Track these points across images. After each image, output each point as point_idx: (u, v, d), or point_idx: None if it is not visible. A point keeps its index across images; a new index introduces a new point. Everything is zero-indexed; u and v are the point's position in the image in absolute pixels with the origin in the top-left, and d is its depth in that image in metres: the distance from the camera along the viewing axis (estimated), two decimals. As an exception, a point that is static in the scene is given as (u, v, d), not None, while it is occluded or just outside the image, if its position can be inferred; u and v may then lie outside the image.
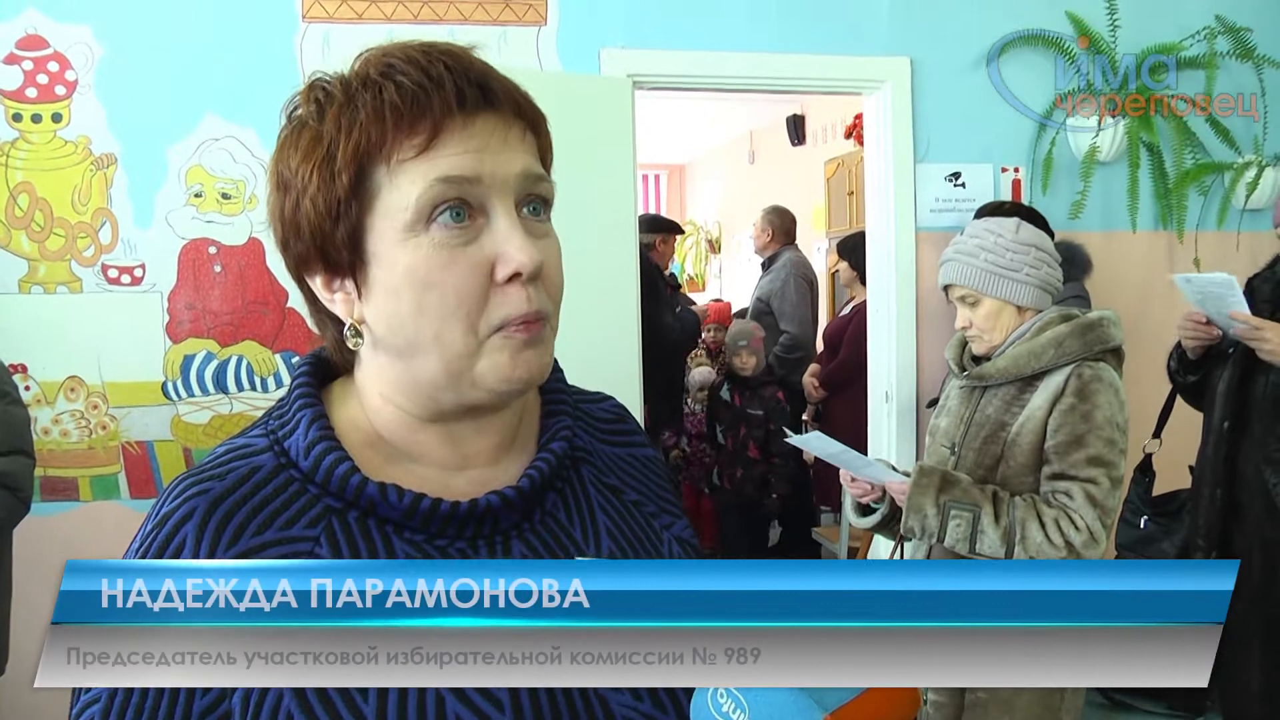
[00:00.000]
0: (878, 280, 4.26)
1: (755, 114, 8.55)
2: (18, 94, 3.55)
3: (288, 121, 0.87)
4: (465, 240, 0.82)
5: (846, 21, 4.03)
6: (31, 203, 3.56)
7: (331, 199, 0.82)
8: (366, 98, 0.82)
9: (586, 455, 1.01)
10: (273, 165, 0.87)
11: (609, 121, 3.77)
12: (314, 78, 0.87)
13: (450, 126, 0.82)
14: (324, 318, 0.92)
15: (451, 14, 3.76)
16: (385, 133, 0.81)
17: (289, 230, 0.86)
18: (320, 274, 0.87)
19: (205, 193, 3.65)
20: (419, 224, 0.82)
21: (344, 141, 0.82)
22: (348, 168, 0.82)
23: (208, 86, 3.60)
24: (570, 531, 0.93)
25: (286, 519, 0.84)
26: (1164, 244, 4.27)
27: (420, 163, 0.81)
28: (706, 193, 10.67)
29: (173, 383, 3.67)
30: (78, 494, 3.65)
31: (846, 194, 6.98)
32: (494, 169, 0.83)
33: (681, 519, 1.04)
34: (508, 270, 0.82)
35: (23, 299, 3.58)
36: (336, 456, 0.86)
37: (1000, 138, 4.16)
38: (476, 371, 0.85)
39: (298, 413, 0.89)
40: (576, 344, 1.22)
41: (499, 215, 0.83)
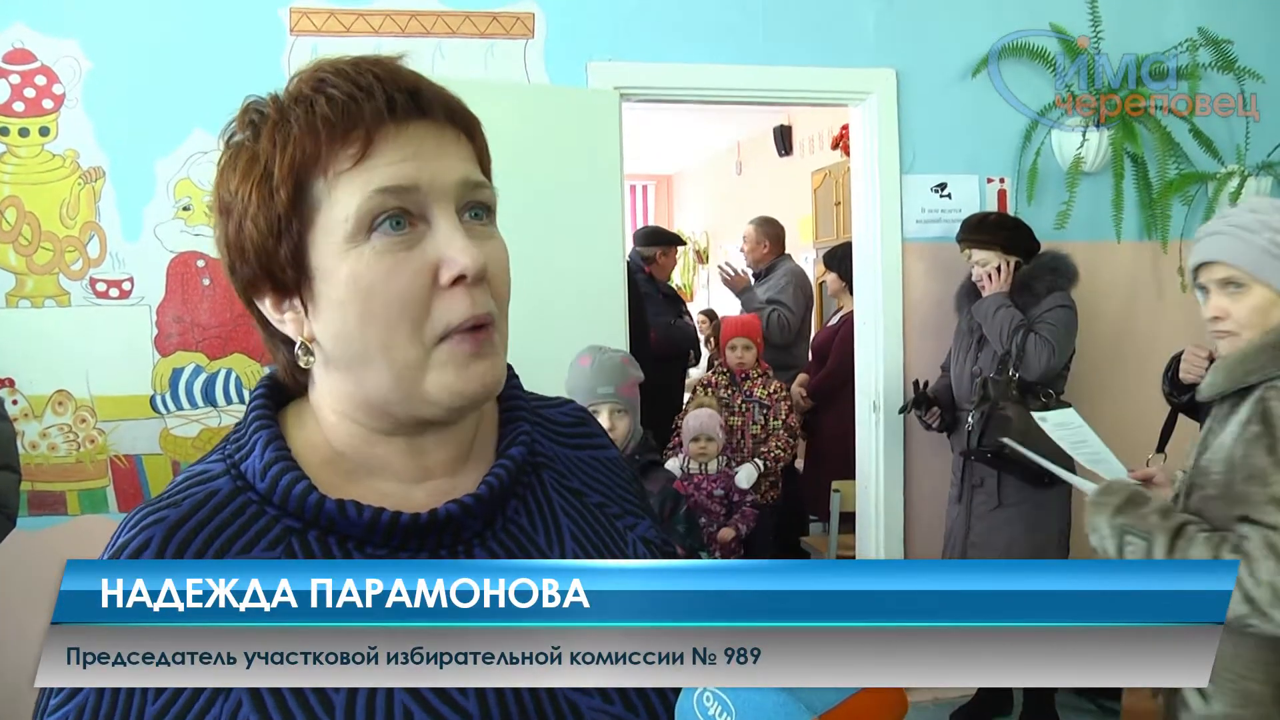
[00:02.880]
0: (865, 290, 4.28)
1: (742, 125, 8.57)
2: (5, 108, 3.55)
3: (226, 146, 0.87)
4: (407, 245, 0.82)
5: (832, 34, 4.05)
6: (19, 216, 3.55)
7: (272, 216, 0.82)
8: (299, 112, 0.82)
9: (547, 460, 1.00)
10: (214, 191, 0.87)
11: (596, 133, 3.78)
12: (248, 101, 0.87)
13: (383, 135, 0.82)
14: (275, 340, 0.91)
15: (439, 27, 3.77)
16: (319, 145, 0.81)
17: (234, 254, 0.86)
18: (269, 295, 0.86)
19: (194, 206, 3.64)
20: (359, 234, 0.81)
21: (280, 157, 0.81)
22: (285, 183, 0.81)
23: (196, 100, 3.59)
24: (534, 537, 0.92)
25: (245, 542, 0.82)
26: (1149, 254, 4.30)
27: (357, 174, 0.81)
28: (694, 203, 10.69)
29: (161, 396, 3.66)
30: (66, 508, 3.63)
31: (834, 204, 6.99)
32: (432, 176, 0.83)
33: (645, 519, 1.03)
34: (451, 273, 0.82)
35: (10, 313, 3.57)
36: (293, 476, 0.84)
37: (985, 148, 4.18)
38: (426, 385, 0.84)
39: (254, 435, 0.88)
40: (563, 354, 1.22)
41: (440, 220, 0.83)
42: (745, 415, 4.67)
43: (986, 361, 3.68)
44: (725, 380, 4.76)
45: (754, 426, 4.66)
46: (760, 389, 4.68)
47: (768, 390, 4.68)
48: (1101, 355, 4.15)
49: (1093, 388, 4.06)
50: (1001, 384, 3.55)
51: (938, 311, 4.12)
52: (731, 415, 4.65)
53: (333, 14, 3.70)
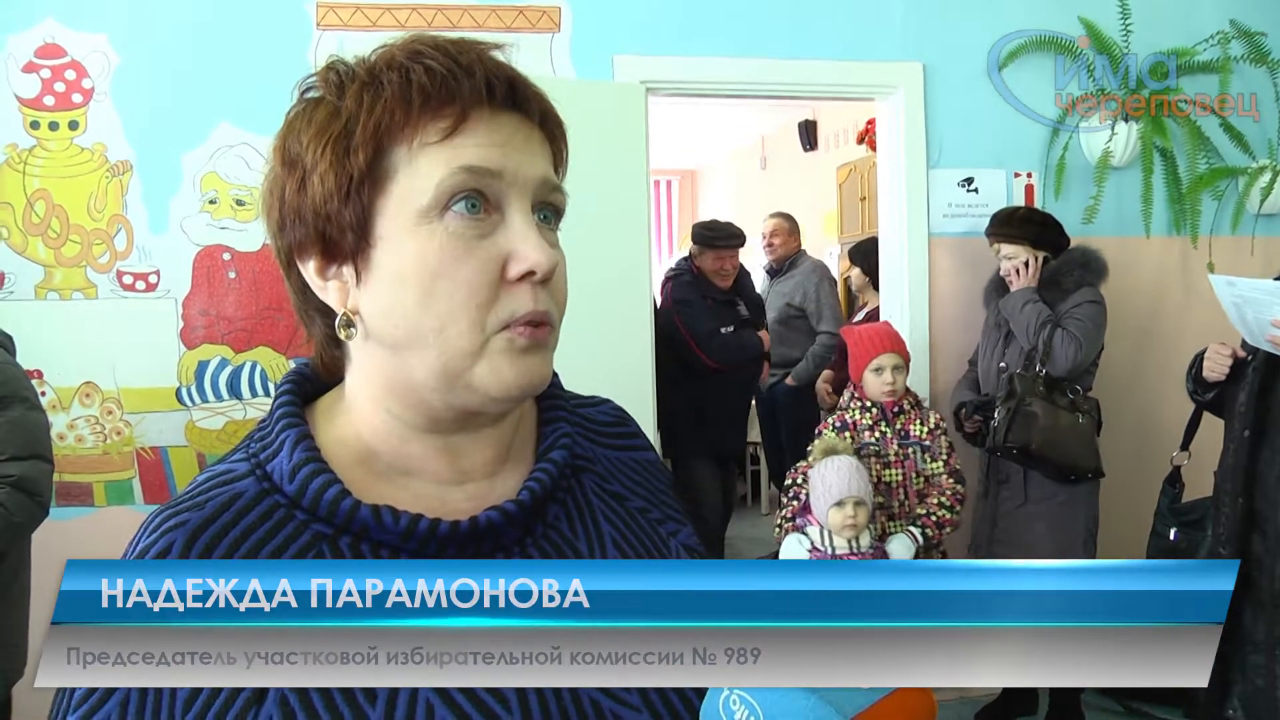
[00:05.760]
0: (890, 286, 4.26)
1: (767, 119, 8.54)
2: (35, 102, 3.58)
3: (299, 100, 0.83)
4: (480, 233, 0.79)
5: (859, 27, 4.03)
6: (48, 209, 3.59)
7: (343, 177, 0.79)
8: (393, 77, 0.79)
9: (588, 463, 0.97)
10: (279, 142, 0.83)
11: (622, 127, 3.77)
12: (331, 59, 0.83)
13: (478, 116, 0.80)
14: (312, 311, 0.87)
15: (465, 21, 3.77)
16: (410, 113, 0.78)
17: (288, 212, 0.82)
18: (315, 259, 0.82)
19: (220, 199, 3.67)
20: (434, 211, 0.78)
21: (365, 118, 0.78)
22: (365, 145, 0.78)
23: (222, 94, 3.62)
24: (574, 543, 0.89)
25: (273, 549, 0.79)
26: (1178, 249, 4.25)
27: (444, 148, 0.79)
28: (718, 198, 10.66)
29: (187, 388, 3.69)
30: (92, 499, 3.67)
31: (859, 199, 6.96)
32: (516, 167, 0.80)
33: (686, 526, 1.00)
34: (521, 268, 0.79)
35: (39, 305, 3.60)
36: (325, 479, 0.81)
37: (1013, 143, 4.15)
38: (474, 373, 0.80)
39: (281, 433, 0.84)
40: (584, 351, 1.21)
41: (515, 213, 0.81)
42: (904, 465, 3.57)
43: (1014, 357, 3.65)
44: (870, 417, 3.58)
45: (916, 480, 3.55)
46: (917, 425, 3.59)
47: (927, 426, 3.58)
48: (1129, 351, 4.11)
49: (1119, 384, 4.02)
50: (1028, 380, 3.51)
51: (963, 307, 4.10)
52: (885, 467, 3.54)
53: (359, 8, 3.71)
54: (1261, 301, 2.69)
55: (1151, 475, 3.35)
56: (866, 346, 3.57)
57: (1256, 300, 2.71)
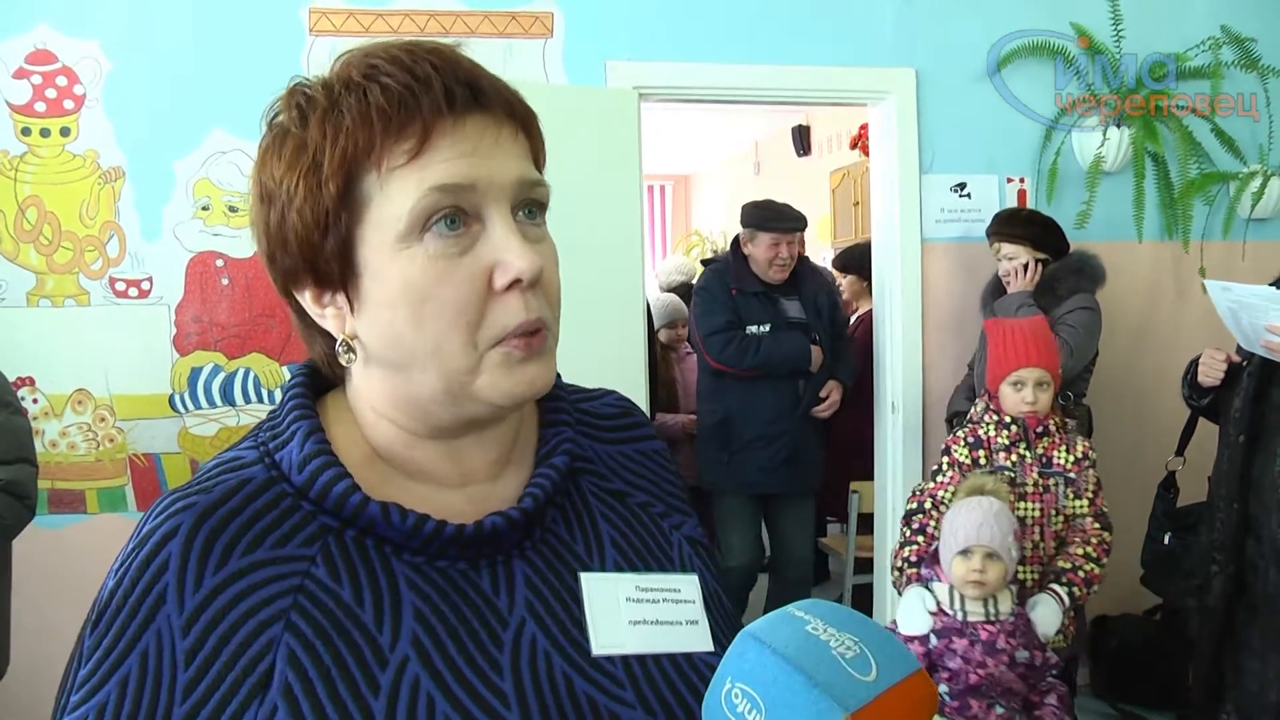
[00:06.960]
0: (884, 291, 4.26)
1: (760, 124, 8.56)
2: (27, 108, 3.57)
3: (269, 129, 0.83)
4: (461, 249, 0.79)
5: (851, 33, 4.04)
6: (40, 216, 3.58)
7: (319, 209, 0.79)
8: (351, 101, 0.78)
9: (587, 464, 0.97)
10: (255, 176, 0.83)
11: (615, 133, 3.77)
12: (294, 83, 0.83)
13: (441, 129, 0.78)
14: (313, 333, 0.88)
15: (458, 27, 3.77)
16: (373, 138, 0.77)
17: (275, 244, 0.82)
18: (309, 288, 0.83)
19: (212, 206, 3.66)
20: (413, 234, 0.78)
21: (330, 149, 0.78)
22: (335, 176, 0.78)
23: (215, 100, 3.62)
24: (572, 546, 0.90)
25: (279, 536, 0.79)
26: (1169, 254, 4.26)
27: (412, 170, 0.78)
28: (712, 204, 10.68)
29: (180, 395, 3.68)
30: (85, 506, 3.66)
31: (852, 204, 6.98)
32: (489, 174, 0.80)
33: (691, 517, 1.00)
34: (506, 278, 0.79)
35: (31, 312, 3.59)
36: (336, 473, 0.81)
37: (1005, 148, 4.15)
38: (476, 387, 0.81)
39: (292, 425, 0.85)
40: (579, 355, 1.21)
41: (495, 221, 0.80)
42: (1043, 499, 2.95)
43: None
44: (1007, 436, 2.98)
45: (1055, 519, 2.94)
46: (1062, 452, 2.98)
47: (1073, 455, 2.97)
48: (1122, 356, 4.11)
49: (1113, 389, 4.03)
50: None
51: (957, 312, 4.10)
52: (1021, 499, 2.92)
53: (352, 14, 3.71)
54: (1256, 307, 2.70)
55: (1146, 480, 3.36)
56: (1010, 352, 2.99)
57: (1252, 305, 2.72)
